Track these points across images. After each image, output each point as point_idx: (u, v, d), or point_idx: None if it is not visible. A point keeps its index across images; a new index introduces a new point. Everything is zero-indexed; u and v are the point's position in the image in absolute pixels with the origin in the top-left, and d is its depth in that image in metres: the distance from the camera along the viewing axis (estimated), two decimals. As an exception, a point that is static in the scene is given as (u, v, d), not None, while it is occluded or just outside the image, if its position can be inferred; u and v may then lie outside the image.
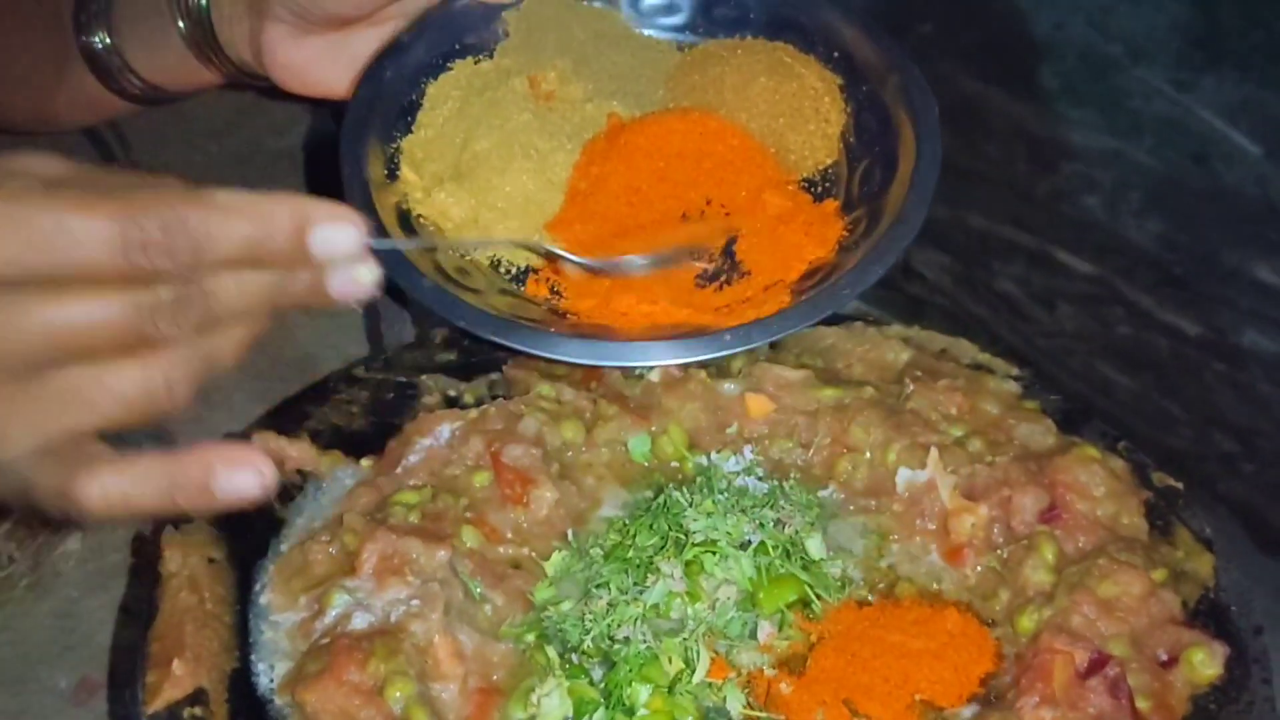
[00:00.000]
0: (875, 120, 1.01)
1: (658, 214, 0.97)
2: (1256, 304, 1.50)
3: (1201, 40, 1.51)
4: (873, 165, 1.00)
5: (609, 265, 0.94)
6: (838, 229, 0.97)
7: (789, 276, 0.95)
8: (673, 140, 0.98)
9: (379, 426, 1.00)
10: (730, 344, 0.89)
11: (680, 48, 1.07)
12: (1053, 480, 0.91)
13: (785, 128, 1.01)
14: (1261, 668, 0.83)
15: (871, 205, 0.97)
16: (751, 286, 0.96)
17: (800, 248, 0.96)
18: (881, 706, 0.83)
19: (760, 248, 0.97)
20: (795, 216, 0.97)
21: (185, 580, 0.86)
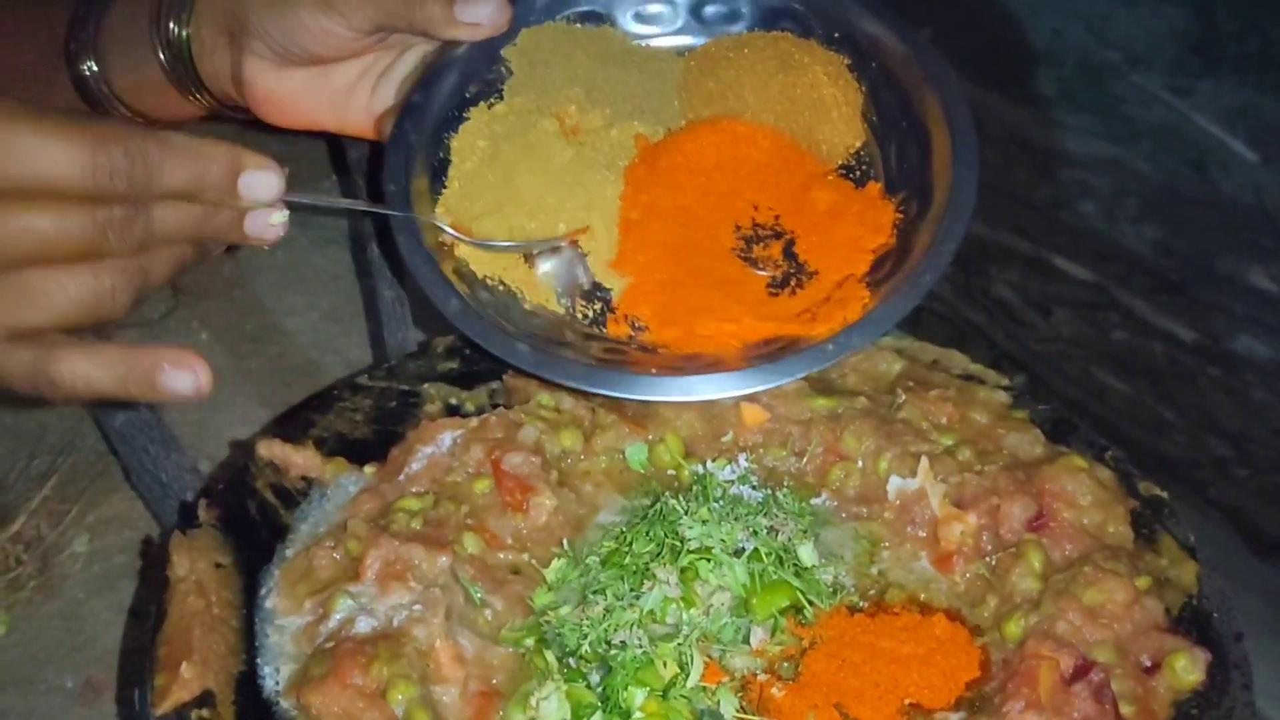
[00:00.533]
0: (893, 94, 1.00)
1: (711, 229, 0.97)
2: (1251, 310, 1.51)
3: (1199, 47, 1.52)
4: (904, 140, 0.99)
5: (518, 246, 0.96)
6: (889, 212, 0.97)
7: (858, 269, 0.95)
8: (709, 154, 0.98)
9: (382, 434, 1.02)
10: (833, 353, 0.89)
11: (680, 54, 1.06)
12: (1041, 489, 0.92)
13: (811, 120, 1.00)
14: (1242, 673, 0.85)
15: (917, 182, 0.97)
16: (824, 286, 0.96)
17: (860, 239, 0.96)
18: (872, 711, 0.84)
19: (821, 245, 0.97)
20: (846, 208, 0.97)
21: (193, 585, 0.88)
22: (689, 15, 1.07)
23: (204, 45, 1.01)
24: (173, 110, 1.07)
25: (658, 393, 0.89)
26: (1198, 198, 1.54)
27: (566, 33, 1.03)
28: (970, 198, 0.92)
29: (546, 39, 1.02)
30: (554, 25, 1.04)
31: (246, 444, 0.99)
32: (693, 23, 1.07)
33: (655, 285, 0.94)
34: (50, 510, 1.24)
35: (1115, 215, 1.60)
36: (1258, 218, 1.51)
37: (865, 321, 0.90)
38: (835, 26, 1.02)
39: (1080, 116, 1.60)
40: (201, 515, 0.93)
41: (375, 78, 1.02)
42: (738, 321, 0.92)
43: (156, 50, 1.02)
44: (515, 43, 1.01)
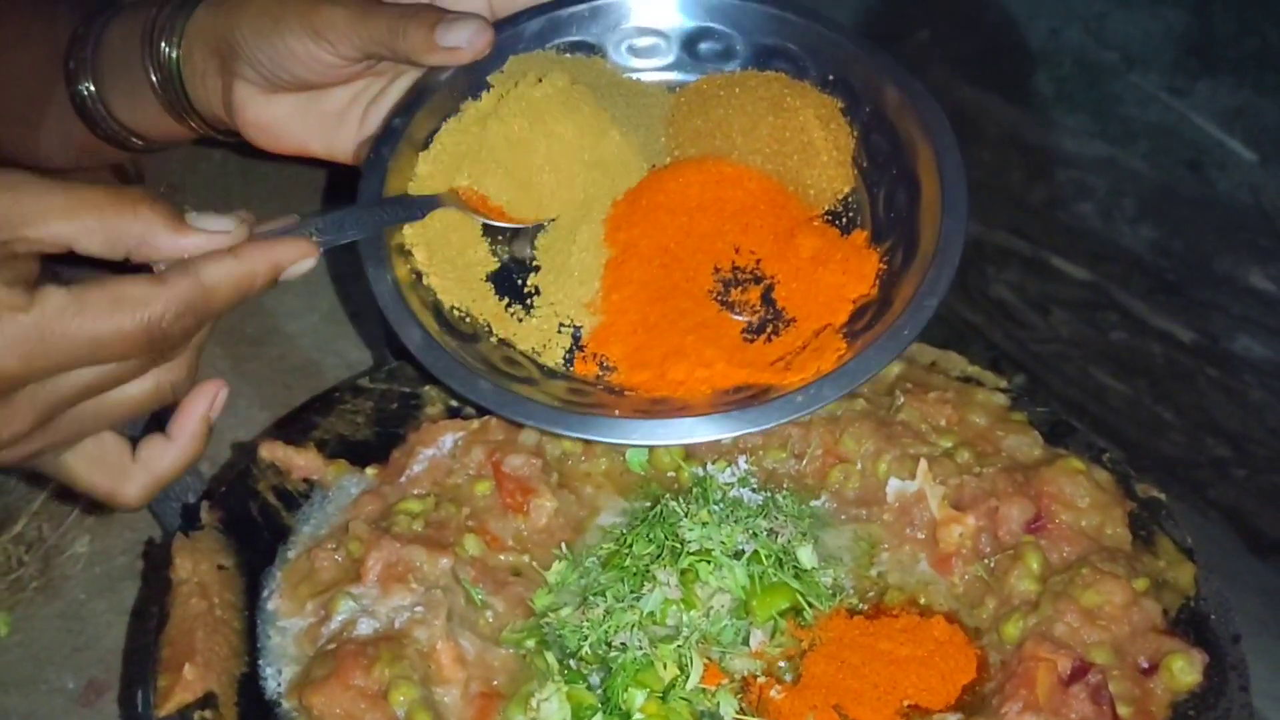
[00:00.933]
0: (885, 140, 0.98)
1: (689, 270, 0.95)
2: (1249, 310, 1.51)
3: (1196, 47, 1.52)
4: (894, 187, 0.97)
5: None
6: (874, 261, 0.94)
7: (836, 319, 0.92)
8: (692, 193, 0.96)
9: (383, 436, 1.02)
10: (803, 405, 0.86)
11: (671, 89, 1.04)
12: (1039, 491, 0.92)
13: (799, 164, 0.98)
14: (1239, 675, 0.85)
15: (903, 231, 0.94)
16: (801, 334, 0.93)
17: (841, 288, 0.93)
18: (871, 712, 0.85)
19: (801, 292, 0.94)
20: (830, 255, 0.94)
21: (195, 587, 0.88)
22: (682, 51, 1.04)
23: (195, 69, 1.00)
24: (166, 133, 1.06)
25: (621, 436, 0.86)
26: (1195, 198, 1.54)
27: (555, 61, 1.01)
28: (957, 251, 0.90)
29: (534, 65, 0.99)
30: (543, 53, 1.01)
31: (248, 446, 0.99)
32: (686, 59, 1.04)
33: (628, 325, 0.92)
34: (51, 511, 1.24)
35: (1113, 215, 1.60)
36: (1256, 218, 1.51)
37: (839, 373, 0.87)
38: (830, 68, 1.00)
39: (1077, 117, 1.60)
40: (204, 517, 0.94)
41: (365, 104, 1.02)
42: (710, 367, 0.90)
43: (149, 72, 1.01)
44: (501, 70, 0.99)
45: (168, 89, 1.01)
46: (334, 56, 0.95)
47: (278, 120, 1.00)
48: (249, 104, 0.99)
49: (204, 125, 1.05)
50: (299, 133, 1.02)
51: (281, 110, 1.00)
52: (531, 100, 0.96)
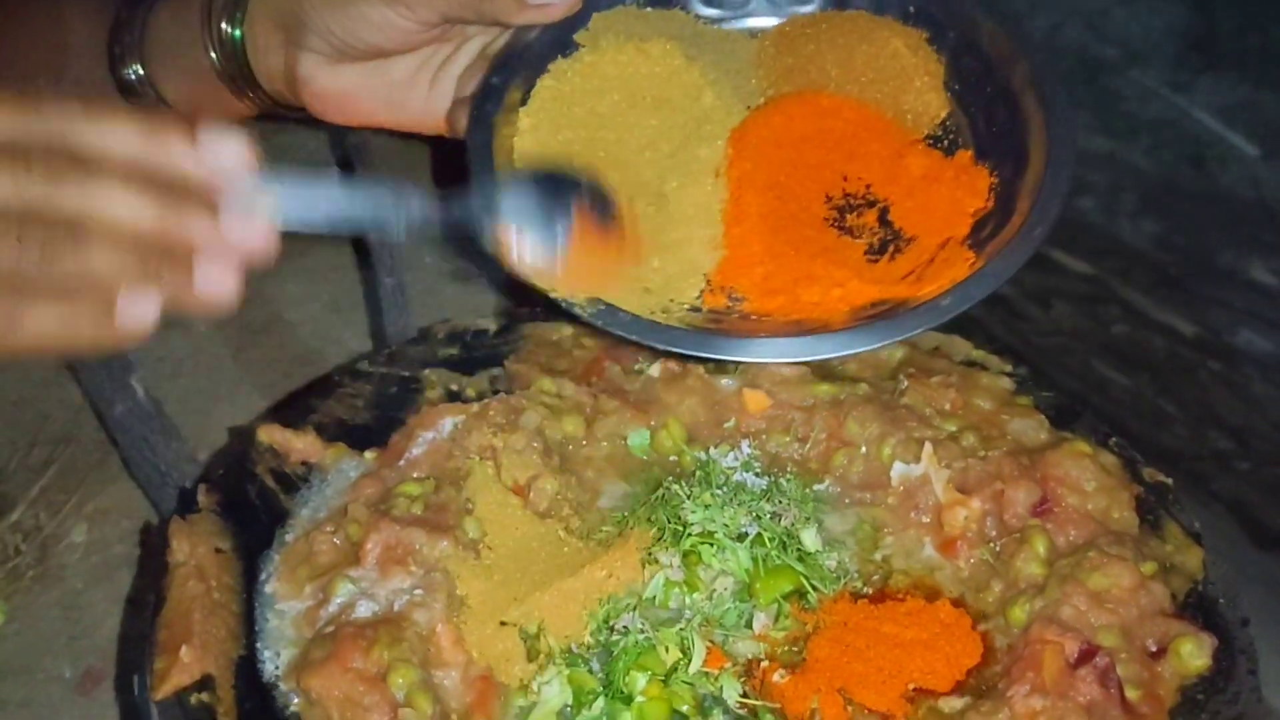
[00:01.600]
0: (976, 62, 0.97)
1: (802, 200, 0.94)
2: (1252, 304, 1.51)
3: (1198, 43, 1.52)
4: (992, 105, 0.96)
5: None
6: (984, 175, 0.94)
7: (959, 232, 0.92)
8: (795, 126, 0.96)
9: (382, 420, 1.01)
10: (949, 308, 0.85)
11: (753, 35, 1.04)
12: (1045, 475, 0.92)
13: (896, 90, 0.98)
14: (1248, 658, 0.85)
15: (1009, 145, 0.94)
16: (925, 250, 0.92)
17: (959, 201, 0.93)
18: (876, 696, 0.84)
19: (917, 210, 0.94)
20: (941, 173, 0.94)
21: (193, 569, 0.88)
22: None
23: (257, 43, 1.00)
24: (224, 110, 1.06)
25: (773, 354, 0.86)
26: (1197, 192, 1.54)
27: (638, 16, 1.00)
28: (1071, 153, 0.89)
29: (619, 22, 0.99)
30: (625, 9, 1.01)
31: (246, 429, 0.99)
32: (765, 4, 1.04)
33: (753, 257, 0.91)
34: (49, 500, 1.23)
35: (1114, 210, 1.60)
36: (1258, 212, 1.51)
37: (980, 275, 0.86)
38: (910, 1, 1.00)
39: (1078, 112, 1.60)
40: (201, 500, 0.93)
41: (433, 71, 1.00)
42: (844, 285, 0.88)
43: (208, 50, 1.01)
44: (587, 27, 0.98)
45: (229, 67, 1.01)
46: (411, 21, 0.93)
47: (345, 90, 0.99)
48: (316, 75, 0.98)
49: (266, 100, 1.04)
50: (366, 102, 1.01)
51: (348, 80, 0.99)
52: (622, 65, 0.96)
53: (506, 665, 0.85)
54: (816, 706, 0.83)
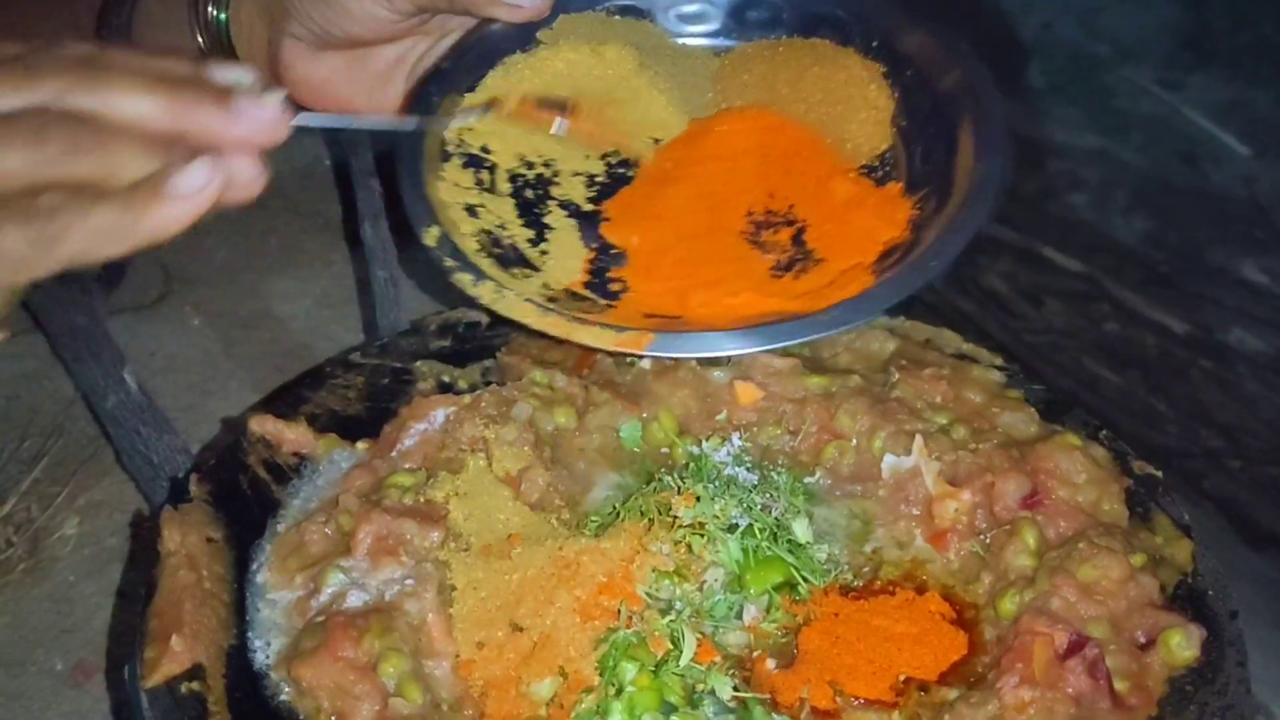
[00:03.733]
0: (926, 101, 0.99)
1: (723, 211, 0.96)
2: (1243, 302, 1.51)
3: (1190, 41, 1.53)
4: (931, 144, 0.98)
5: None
6: (907, 208, 0.96)
7: (866, 258, 0.94)
8: (737, 139, 0.98)
9: (374, 411, 1.01)
10: (828, 324, 0.88)
11: (717, 53, 1.06)
12: (1035, 467, 0.92)
13: (840, 116, 1.00)
14: (1237, 650, 0.85)
15: (938, 179, 0.96)
16: (829, 272, 0.94)
17: (873, 229, 0.95)
18: (866, 687, 0.84)
19: (832, 234, 0.96)
20: (864, 201, 0.96)
21: (184, 559, 0.87)
22: (729, 18, 1.06)
23: (242, 28, 1.01)
24: None
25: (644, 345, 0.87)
26: (1189, 190, 1.55)
27: (605, 22, 1.03)
28: (989, 192, 0.92)
29: (584, 26, 1.01)
30: (594, 15, 1.03)
31: (238, 420, 0.99)
32: (732, 25, 1.06)
33: (656, 254, 0.93)
34: (40, 493, 1.23)
35: (1106, 207, 1.61)
36: (1249, 210, 1.52)
37: (864, 297, 0.89)
38: (874, 34, 1.02)
39: (1070, 109, 1.60)
40: (193, 490, 0.93)
41: (412, 63, 1.02)
42: (737, 296, 0.91)
43: (194, 33, 1.02)
44: (551, 27, 1.00)
45: (215, 50, 1.02)
46: (388, 11, 0.94)
47: (325, 79, 1.00)
48: (297, 62, 0.99)
49: None
50: (345, 91, 1.02)
51: (329, 69, 1.00)
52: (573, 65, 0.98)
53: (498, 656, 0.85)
54: (805, 696, 0.83)
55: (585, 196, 0.99)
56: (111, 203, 0.66)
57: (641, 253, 0.94)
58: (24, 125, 0.65)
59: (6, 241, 0.65)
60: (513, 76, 0.99)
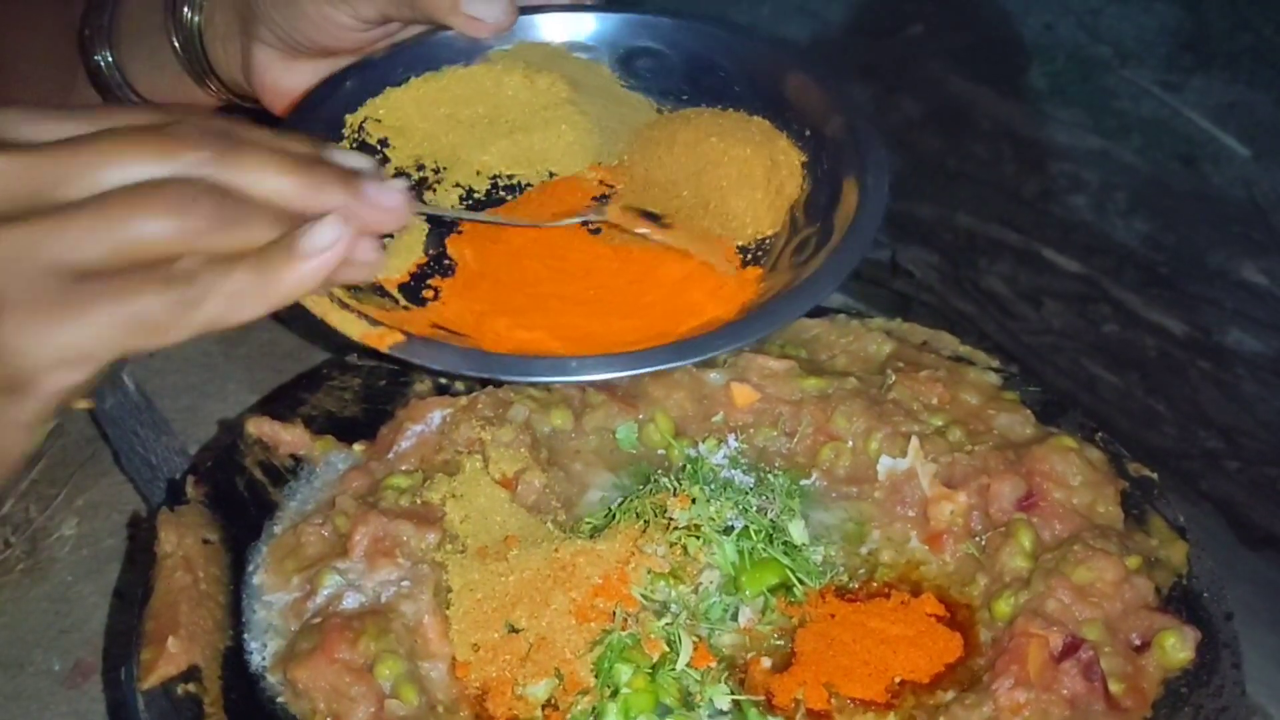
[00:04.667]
0: (827, 194, 0.94)
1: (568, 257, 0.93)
2: (1242, 304, 1.52)
3: (1190, 43, 1.53)
4: (810, 236, 0.93)
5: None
6: (752, 292, 0.90)
7: (676, 330, 0.88)
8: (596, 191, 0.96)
9: (371, 413, 1.01)
10: (577, 370, 0.82)
11: (659, 109, 1.02)
12: (1030, 469, 0.92)
13: (728, 190, 0.94)
14: (1232, 652, 0.85)
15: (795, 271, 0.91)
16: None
17: (700, 306, 0.90)
18: (862, 689, 0.84)
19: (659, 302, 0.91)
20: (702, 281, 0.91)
21: (180, 560, 0.88)
22: (686, 80, 1.02)
23: (216, 32, 1.00)
24: (187, 100, 1.06)
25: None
26: (1188, 191, 1.55)
27: (558, 55, 1.00)
28: (813, 296, 0.87)
29: (536, 54, 0.99)
30: (552, 46, 1.01)
31: (235, 422, 0.99)
32: (687, 88, 1.02)
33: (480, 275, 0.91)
34: (39, 493, 1.23)
35: (1105, 209, 1.61)
36: (1249, 212, 1.52)
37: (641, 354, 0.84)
38: (808, 126, 0.97)
39: (1070, 111, 1.61)
40: (189, 492, 0.93)
41: None
42: (530, 331, 0.87)
43: (170, 37, 1.01)
44: (507, 48, 0.99)
45: (189, 52, 1.02)
46: (351, 18, 0.93)
47: (295, 87, 0.99)
48: (268, 69, 0.98)
49: (224, 90, 1.05)
50: None
51: (299, 77, 0.99)
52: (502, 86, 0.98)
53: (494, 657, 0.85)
54: (801, 698, 0.83)
55: (451, 205, 0.96)
56: (246, 266, 0.68)
57: (468, 270, 0.90)
58: (171, 194, 0.66)
59: (147, 306, 0.66)
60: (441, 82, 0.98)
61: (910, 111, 1.73)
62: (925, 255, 1.70)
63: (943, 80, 1.71)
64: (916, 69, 1.70)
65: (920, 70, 1.73)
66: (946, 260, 1.69)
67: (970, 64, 1.69)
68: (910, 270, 1.70)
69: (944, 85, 1.70)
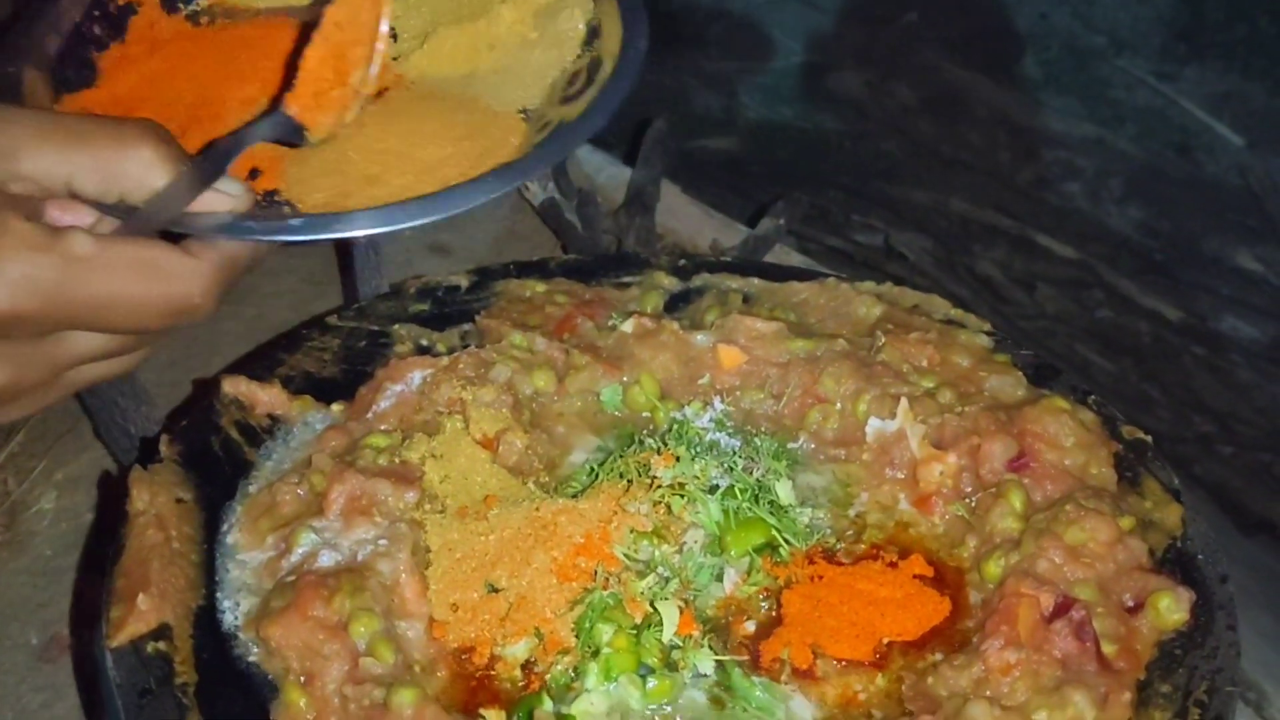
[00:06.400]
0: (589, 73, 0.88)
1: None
2: (1236, 290, 1.50)
3: (1185, 32, 1.51)
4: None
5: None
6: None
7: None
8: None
9: (350, 374, 1.00)
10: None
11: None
12: (1022, 430, 0.90)
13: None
14: (1227, 614, 0.83)
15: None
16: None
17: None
18: (849, 650, 0.83)
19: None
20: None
21: (152, 518, 0.86)
22: None
23: None
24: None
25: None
26: (1183, 179, 1.53)
27: None
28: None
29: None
30: None
31: (211, 381, 0.97)
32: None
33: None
34: (18, 466, 1.22)
35: (1100, 196, 1.60)
36: (1244, 199, 1.50)
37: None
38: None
39: (1065, 99, 1.59)
40: (163, 450, 0.91)
41: None
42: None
43: None
44: None
45: None
46: None
47: None
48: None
49: None
50: None
51: None
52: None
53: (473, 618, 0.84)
54: (786, 658, 0.81)
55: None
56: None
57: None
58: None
59: None
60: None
61: (905, 98, 1.72)
62: (920, 240, 1.69)
63: (938, 68, 1.69)
64: (912, 56, 1.70)
65: (915, 57, 1.72)
66: (941, 245, 1.68)
67: (965, 52, 1.67)
68: (904, 254, 1.69)
69: (939, 73, 1.69)
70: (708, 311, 1.02)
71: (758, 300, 1.04)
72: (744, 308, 1.02)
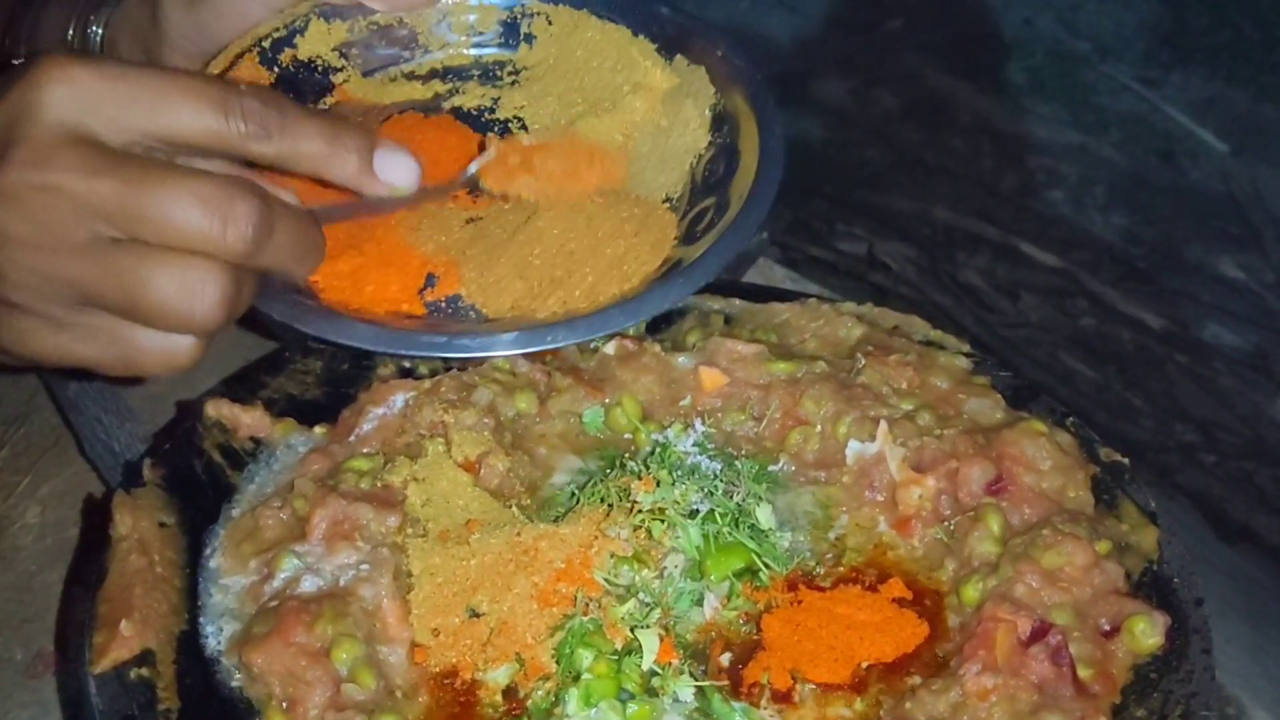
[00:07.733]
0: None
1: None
2: (1219, 298, 1.51)
3: (1169, 38, 1.52)
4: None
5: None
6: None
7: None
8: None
9: (333, 396, 1.00)
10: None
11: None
12: (1000, 453, 0.91)
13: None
14: (1202, 638, 0.84)
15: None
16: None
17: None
18: (828, 674, 0.83)
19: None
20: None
21: (135, 543, 0.86)
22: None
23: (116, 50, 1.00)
24: None
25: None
26: (1166, 186, 1.54)
27: None
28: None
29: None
30: None
31: (194, 404, 0.97)
32: None
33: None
34: (2, 482, 1.22)
35: (1084, 203, 1.60)
36: (1227, 206, 1.51)
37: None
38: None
39: (1049, 105, 1.60)
40: (146, 474, 0.92)
41: None
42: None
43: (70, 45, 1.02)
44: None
45: None
46: (266, 10, 0.95)
47: None
48: None
49: None
50: None
51: None
52: None
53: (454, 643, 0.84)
54: (766, 682, 0.82)
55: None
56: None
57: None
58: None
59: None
60: None
61: (889, 105, 1.73)
62: (903, 248, 1.70)
63: (921, 74, 1.70)
64: (895, 63, 1.70)
65: (899, 64, 1.72)
66: (924, 254, 1.68)
67: (949, 58, 1.68)
68: (887, 263, 1.69)
69: (923, 79, 1.70)
70: (689, 333, 1.02)
71: (739, 321, 1.04)
72: (725, 329, 1.03)
